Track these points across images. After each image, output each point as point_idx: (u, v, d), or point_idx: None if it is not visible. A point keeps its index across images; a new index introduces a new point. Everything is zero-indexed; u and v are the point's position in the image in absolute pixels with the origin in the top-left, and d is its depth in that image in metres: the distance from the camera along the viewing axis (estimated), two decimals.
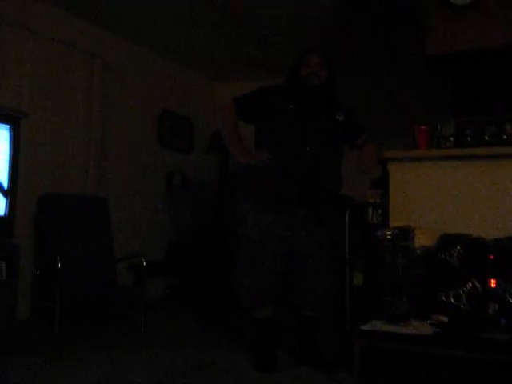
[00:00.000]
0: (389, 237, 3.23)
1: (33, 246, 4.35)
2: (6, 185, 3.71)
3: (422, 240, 3.30)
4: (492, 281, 2.88)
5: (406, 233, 3.26)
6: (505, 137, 3.22)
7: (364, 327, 2.91)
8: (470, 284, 2.89)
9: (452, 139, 3.36)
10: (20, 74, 4.34)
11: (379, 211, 3.64)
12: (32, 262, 4.31)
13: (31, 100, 4.42)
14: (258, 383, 3.03)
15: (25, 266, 4.11)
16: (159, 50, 5.69)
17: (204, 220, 5.97)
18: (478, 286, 2.88)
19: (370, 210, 3.74)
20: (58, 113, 4.67)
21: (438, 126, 3.46)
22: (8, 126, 3.75)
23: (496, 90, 3.62)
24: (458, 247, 3.03)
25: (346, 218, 3.68)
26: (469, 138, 3.33)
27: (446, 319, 2.86)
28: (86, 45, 4.91)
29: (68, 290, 3.78)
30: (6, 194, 3.71)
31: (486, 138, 3.27)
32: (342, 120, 3.35)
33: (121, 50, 5.35)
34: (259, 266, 3.25)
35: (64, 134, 4.72)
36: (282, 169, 3.20)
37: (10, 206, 3.74)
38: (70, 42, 4.75)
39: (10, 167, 3.75)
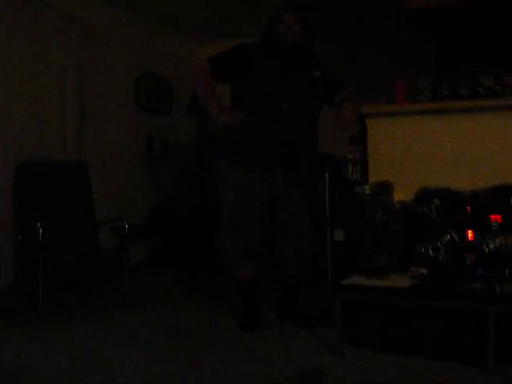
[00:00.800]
0: (367, 192, 3.26)
1: (13, 213, 4.32)
2: None
3: (400, 195, 3.33)
4: (469, 232, 2.92)
5: (384, 188, 3.29)
6: (480, 89, 3.22)
7: (345, 282, 2.95)
8: (448, 236, 2.93)
9: (429, 93, 3.36)
10: None
11: (358, 167, 3.66)
12: (14, 227, 4.29)
13: (4, 64, 4.33)
14: (243, 342, 3.08)
15: (7, 232, 4.10)
16: (137, 10, 5.56)
17: (185, 182, 5.96)
18: (455, 237, 2.93)
19: (350, 166, 3.77)
20: (34, 77, 4.58)
21: (416, 81, 3.46)
22: None
23: (473, 43, 3.61)
24: (436, 200, 3.06)
25: (326, 175, 3.69)
26: (445, 92, 3.33)
27: (425, 271, 2.91)
28: (63, 5, 4.79)
29: (50, 256, 3.79)
30: None
31: (463, 91, 3.27)
32: (318, 76, 3.33)
33: (98, 10, 5.21)
34: (240, 226, 3.27)
35: (40, 99, 4.64)
36: (259, 128, 3.19)
37: None
38: (46, 2, 4.63)
39: None
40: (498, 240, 2.85)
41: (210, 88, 3.34)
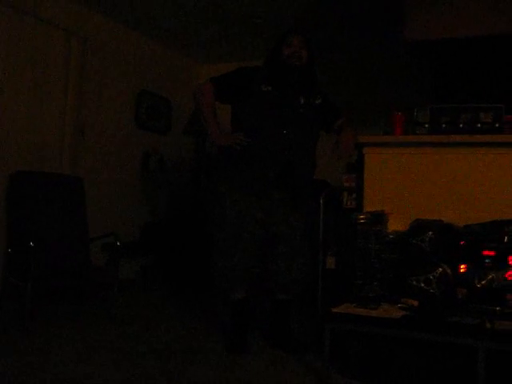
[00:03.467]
0: (362, 221, 3.25)
1: (5, 224, 4.30)
2: None
3: (394, 225, 3.33)
4: (462, 266, 2.92)
5: (379, 217, 3.29)
6: (479, 125, 3.24)
7: (335, 310, 2.93)
8: (441, 269, 2.92)
9: (427, 126, 3.38)
10: None
11: (354, 195, 3.66)
12: (4, 239, 4.26)
13: (5, 77, 4.34)
14: (230, 366, 3.04)
15: None
16: (139, 28, 5.62)
17: (180, 201, 5.95)
18: (448, 271, 2.92)
19: (345, 194, 3.76)
20: (34, 90, 4.60)
21: (415, 113, 3.48)
22: None
23: (472, 78, 3.65)
24: (430, 233, 3.05)
25: (321, 201, 3.69)
26: (444, 125, 3.34)
27: (415, 303, 2.89)
28: (64, 21, 4.84)
29: (40, 269, 3.75)
30: None
31: (461, 125, 3.29)
32: (319, 104, 3.35)
33: (100, 27, 5.27)
34: (234, 247, 3.26)
35: (39, 112, 4.66)
36: (258, 151, 3.20)
37: None
38: (47, 18, 4.67)
39: None
40: (490, 275, 2.84)
41: (210, 110, 3.33)
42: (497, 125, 3.21)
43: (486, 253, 2.91)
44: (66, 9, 4.87)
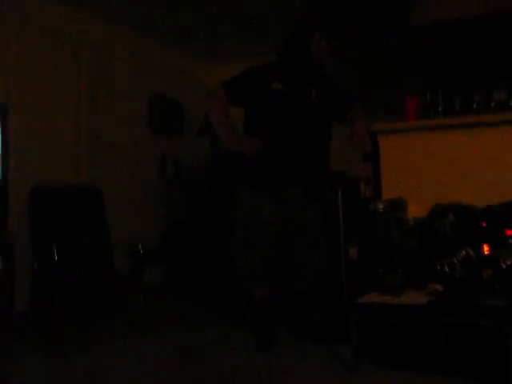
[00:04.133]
0: (381, 210, 3.24)
1: (29, 238, 4.35)
2: None
3: (414, 211, 3.31)
4: (485, 247, 2.89)
5: (398, 205, 3.28)
6: (492, 104, 3.21)
7: (361, 300, 2.92)
8: (464, 252, 2.90)
9: (440, 109, 3.36)
10: (7, 65, 4.31)
11: (371, 185, 3.64)
12: (29, 253, 4.31)
13: (19, 90, 4.39)
14: (260, 362, 3.05)
15: (22, 258, 4.12)
16: (148, 33, 5.63)
17: (199, 203, 5.97)
18: (471, 253, 2.89)
19: (363, 183, 3.75)
20: (47, 102, 4.64)
21: (427, 97, 3.46)
22: None
23: (483, 57, 3.61)
24: (450, 216, 3.03)
25: (339, 193, 3.67)
26: (457, 107, 3.32)
27: (440, 288, 2.87)
28: (73, 31, 4.86)
29: (66, 281, 3.80)
30: None
31: (474, 106, 3.27)
32: (331, 93, 3.32)
33: (110, 35, 5.29)
34: (254, 247, 3.26)
35: (54, 123, 4.69)
36: (272, 151, 3.18)
37: (3, 197, 3.74)
38: (57, 29, 4.70)
39: (1, 158, 3.74)
40: None
41: (222, 113, 3.25)
42: (511, 102, 3.18)
43: (509, 232, 2.89)
44: (75, 19, 4.89)
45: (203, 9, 5.02)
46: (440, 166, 3.35)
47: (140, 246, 4.30)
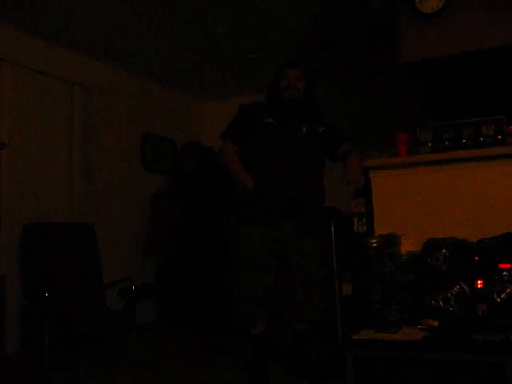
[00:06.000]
0: (374, 245, 3.24)
1: (20, 277, 4.31)
2: None
3: (407, 246, 3.31)
4: (479, 282, 2.89)
5: (391, 240, 3.27)
6: (481, 139, 3.25)
7: (355, 337, 2.90)
8: (458, 286, 2.90)
9: (430, 144, 3.39)
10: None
11: (364, 220, 3.65)
12: (20, 292, 4.27)
13: (11, 129, 4.41)
14: None
15: (12, 297, 4.08)
16: (139, 72, 5.70)
17: (192, 239, 5.93)
18: (465, 287, 2.89)
19: (355, 219, 3.76)
20: (40, 140, 4.66)
21: (417, 132, 3.49)
22: None
23: (470, 93, 3.67)
24: (444, 251, 3.04)
25: (332, 229, 3.68)
26: (447, 143, 3.36)
27: (436, 323, 2.86)
28: (65, 71, 4.91)
29: (57, 320, 3.74)
30: None
31: (464, 141, 3.30)
32: (322, 131, 3.37)
33: (100, 74, 5.35)
34: (250, 280, 3.24)
35: (46, 162, 4.71)
36: (265, 184, 3.21)
37: None
38: (48, 69, 4.75)
39: None
40: (509, 288, 2.81)
41: (238, 163, 3.31)
42: (499, 137, 3.22)
43: (502, 266, 2.89)
44: (67, 59, 4.96)
45: (194, 51, 5.09)
46: (432, 201, 3.37)
47: (132, 283, 4.26)
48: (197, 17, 4.49)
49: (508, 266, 2.88)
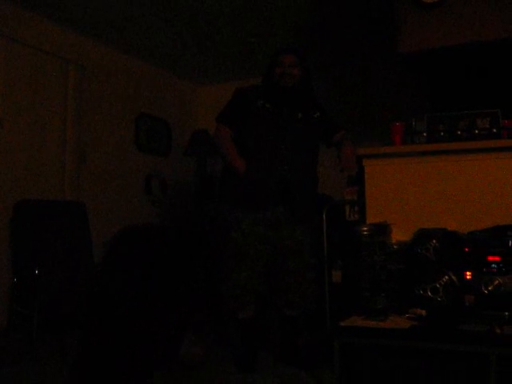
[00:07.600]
0: (365, 233, 3.25)
1: (10, 254, 4.31)
2: None
3: (398, 235, 3.33)
4: (467, 273, 2.91)
5: (382, 229, 3.29)
6: (476, 131, 3.26)
7: (343, 324, 2.92)
8: (447, 277, 2.91)
9: (425, 135, 3.39)
10: None
11: (356, 208, 3.66)
12: (9, 269, 4.26)
13: (4, 106, 4.38)
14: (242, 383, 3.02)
15: (2, 273, 4.07)
16: (135, 53, 5.66)
17: (183, 223, 5.95)
18: (454, 278, 2.91)
19: (348, 207, 3.77)
20: (33, 119, 4.63)
21: (412, 122, 3.49)
22: None
23: (467, 85, 3.66)
24: (434, 241, 3.05)
25: (323, 216, 3.69)
26: (442, 134, 3.36)
27: (423, 313, 2.88)
28: (60, 49, 4.87)
29: (46, 298, 3.75)
30: None
31: (459, 132, 3.31)
32: (317, 117, 3.37)
33: (96, 53, 5.31)
34: (242, 265, 3.24)
35: (39, 140, 4.68)
36: (259, 169, 3.21)
37: None
38: (43, 46, 4.71)
39: None
40: (496, 281, 2.83)
41: (232, 147, 3.32)
42: (494, 130, 3.23)
43: (491, 258, 2.91)
44: (63, 37, 4.92)
45: (189, 31, 5.06)
46: (425, 191, 3.38)
47: None
48: None
49: (497, 258, 2.90)
